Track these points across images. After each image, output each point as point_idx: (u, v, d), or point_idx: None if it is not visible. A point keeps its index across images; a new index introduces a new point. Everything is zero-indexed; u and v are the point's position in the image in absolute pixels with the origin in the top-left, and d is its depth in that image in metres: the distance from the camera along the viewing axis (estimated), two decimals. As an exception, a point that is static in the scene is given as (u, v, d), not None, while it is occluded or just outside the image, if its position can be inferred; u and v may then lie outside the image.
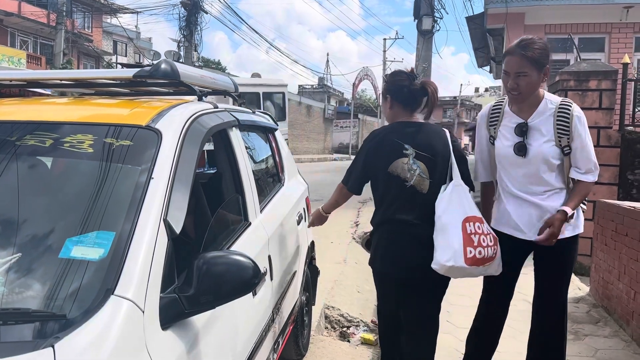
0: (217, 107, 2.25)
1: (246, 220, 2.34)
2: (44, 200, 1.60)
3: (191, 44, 18.86)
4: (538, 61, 2.26)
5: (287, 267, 2.76)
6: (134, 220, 1.41)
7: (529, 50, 2.26)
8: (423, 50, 11.65)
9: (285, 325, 2.73)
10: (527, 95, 2.35)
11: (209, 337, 1.56)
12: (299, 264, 3.12)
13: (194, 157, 1.75)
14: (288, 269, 2.79)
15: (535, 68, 2.27)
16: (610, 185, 6.48)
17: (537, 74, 2.28)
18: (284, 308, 2.68)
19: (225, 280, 1.42)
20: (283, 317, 2.66)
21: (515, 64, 2.28)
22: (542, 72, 2.29)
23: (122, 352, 1.17)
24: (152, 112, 1.81)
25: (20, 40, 27.81)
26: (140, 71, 2.09)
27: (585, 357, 3.53)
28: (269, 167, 3.29)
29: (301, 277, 3.19)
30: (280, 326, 2.60)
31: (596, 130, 6.49)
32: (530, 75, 2.27)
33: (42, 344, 1.11)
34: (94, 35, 32.25)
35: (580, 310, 4.53)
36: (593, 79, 6.45)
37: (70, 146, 1.62)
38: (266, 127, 3.25)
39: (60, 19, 22.08)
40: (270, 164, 3.28)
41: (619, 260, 4.21)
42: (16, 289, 1.31)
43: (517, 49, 2.29)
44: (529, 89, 2.31)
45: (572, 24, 10.68)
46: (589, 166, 2.41)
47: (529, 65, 2.26)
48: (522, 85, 2.29)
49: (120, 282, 1.27)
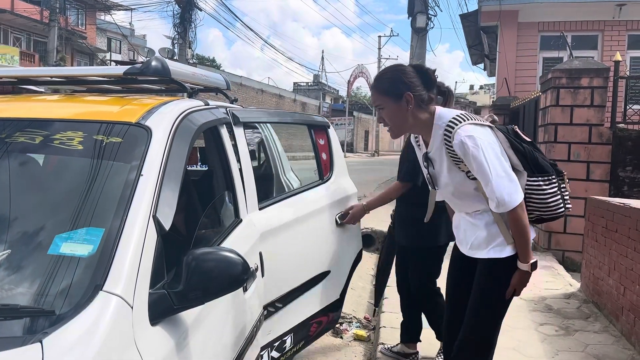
0: (207, 104, 2.26)
1: (237, 217, 2.35)
2: (33, 197, 1.61)
3: (185, 41, 18.80)
4: (389, 91, 2.10)
5: (303, 264, 2.75)
6: (123, 216, 1.41)
7: (378, 82, 2.15)
8: (417, 47, 11.66)
9: (309, 321, 2.77)
10: (398, 126, 2.17)
11: (198, 333, 1.57)
12: (335, 264, 3.04)
13: (184, 154, 1.76)
14: (306, 266, 2.78)
15: (390, 99, 2.10)
16: (602, 182, 6.52)
17: (394, 104, 2.10)
18: (304, 305, 2.70)
19: (214, 277, 1.43)
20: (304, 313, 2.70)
21: (373, 99, 2.19)
22: (401, 101, 2.08)
23: (110, 348, 1.18)
24: (142, 109, 1.81)
25: (13, 37, 27.66)
26: (131, 68, 2.10)
27: (575, 352, 3.57)
28: (281, 165, 3.33)
29: (340, 278, 3.11)
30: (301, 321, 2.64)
31: (588, 127, 6.53)
32: (387, 107, 2.12)
33: (31, 339, 1.11)
34: (88, 32, 32.09)
35: (570, 305, 4.57)
36: (585, 76, 6.48)
37: (60, 143, 1.63)
38: (313, 124, 3.30)
39: (54, 16, 21.92)
40: (285, 161, 3.35)
41: (609, 256, 4.25)
42: (5, 285, 1.32)
43: (372, 83, 2.21)
44: (395, 120, 2.14)
45: (565, 22, 10.73)
46: (492, 197, 2.05)
47: (382, 97, 2.12)
48: (385, 118, 2.16)
49: (109, 278, 1.28)
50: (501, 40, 11.09)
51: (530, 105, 7.95)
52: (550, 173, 2.21)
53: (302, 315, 2.78)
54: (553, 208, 2.20)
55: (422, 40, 11.62)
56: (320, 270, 2.90)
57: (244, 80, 29.24)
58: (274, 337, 2.61)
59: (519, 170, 2.16)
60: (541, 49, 11.12)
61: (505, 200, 2.03)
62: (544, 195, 2.17)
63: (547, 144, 6.76)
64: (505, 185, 2.03)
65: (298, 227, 2.72)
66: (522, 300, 4.63)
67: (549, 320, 4.19)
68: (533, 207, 2.18)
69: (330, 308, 3.03)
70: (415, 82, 2.09)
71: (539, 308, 4.47)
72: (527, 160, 2.16)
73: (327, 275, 2.95)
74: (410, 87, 2.08)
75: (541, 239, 6.92)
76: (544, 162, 2.21)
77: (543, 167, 2.19)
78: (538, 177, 2.17)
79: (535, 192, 2.17)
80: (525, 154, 2.16)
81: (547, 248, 6.77)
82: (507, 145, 2.15)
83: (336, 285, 3.07)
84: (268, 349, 2.58)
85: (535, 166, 2.17)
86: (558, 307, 4.52)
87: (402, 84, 2.08)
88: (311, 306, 2.85)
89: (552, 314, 4.35)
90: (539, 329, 3.99)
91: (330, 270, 2.96)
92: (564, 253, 6.67)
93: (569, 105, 6.56)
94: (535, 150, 2.22)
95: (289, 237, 2.65)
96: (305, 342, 2.89)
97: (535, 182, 2.16)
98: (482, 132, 2.07)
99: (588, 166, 6.57)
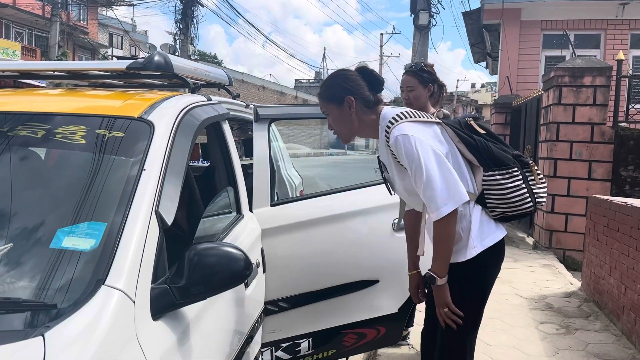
0: (210, 100, 2.26)
1: (239, 213, 2.35)
2: (35, 191, 1.60)
3: (187, 37, 18.77)
4: (331, 97, 2.07)
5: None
6: (125, 211, 1.41)
7: (321, 90, 2.13)
8: (419, 45, 11.63)
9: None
10: (346, 131, 2.11)
11: (200, 328, 1.57)
12: (389, 274, 2.72)
13: (186, 149, 1.76)
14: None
15: (333, 104, 2.07)
16: (604, 181, 6.51)
17: (337, 109, 2.06)
18: (329, 312, 2.60)
19: (216, 272, 1.42)
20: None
21: (320, 107, 2.16)
22: (343, 105, 2.04)
23: (112, 342, 1.18)
24: (145, 103, 1.81)
25: (15, 32, 27.62)
26: (134, 63, 2.09)
27: (576, 350, 3.57)
28: (282, 161, 3.27)
29: (397, 290, 2.73)
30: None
31: (590, 126, 6.52)
32: (331, 112, 2.09)
33: (32, 333, 1.11)
34: (90, 27, 32.04)
35: (571, 304, 4.57)
36: (588, 75, 6.47)
37: (63, 137, 1.62)
38: None
39: (56, 11, 21.88)
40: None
41: (611, 255, 4.24)
42: (7, 278, 1.31)
43: (318, 92, 2.18)
44: (340, 125, 2.10)
45: (568, 20, 10.70)
46: (428, 203, 1.92)
47: (325, 104, 2.10)
48: (332, 124, 2.13)
49: (111, 273, 1.28)
50: (503, 38, 11.06)
51: (533, 103, 7.93)
52: (510, 165, 2.03)
53: (326, 321, 2.64)
54: (517, 204, 2.03)
55: (424, 37, 11.58)
56: (358, 277, 2.65)
57: (245, 77, 29.18)
58: (281, 337, 2.58)
59: (475, 165, 2.05)
60: (544, 47, 11.09)
61: (438, 204, 1.87)
62: (503, 191, 2.01)
63: (549, 143, 6.75)
64: (438, 189, 1.86)
65: (320, 228, 2.58)
66: (522, 299, 4.63)
67: (549, 318, 4.19)
68: (494, 203, 2.03)
69: (381, 322, 2.74)
70: (357, 86, 2.05)
71: (539, 306, 4.47)
72: (480, 153, 2.02)
73: (374, 285, 2.68)
74: (351, 90, 2.04)
75: (542, 237, 6.92)
76: (501, 153, 2.04)
77: (500, 159, 2.02)
78: (495, 171, 2.01)
79: (493, 188, 2.01)
80: (477, 148, 2.02)
81: (548, 247, 6.77)
82: (456, 140, 2.05)
83: (391, 298, 2.73)
84: (272, 348, 2.56)
85: (490, 159, 2.02)
86: (559, 305, 4.52)
87: (341, 89, 2.05)
88: (343, 315, 2.67)
89: (553, 312, 4.35)
90: (539, 328, 3.99)
91: (379, 280, 2.68)
92: (564, 252, 6.67)
93: (572, 103, 6.55)
94: (491, 141, 2.06)
95: (304, 236, 2.55)
96: (337, 352, 2.73)
97: (492, 176, 2.01)
98: (419, 130, 1.95)
99: (590, 165, 6.56)
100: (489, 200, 2.03)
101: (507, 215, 2.07)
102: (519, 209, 2.05)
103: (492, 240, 2.03)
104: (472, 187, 2.05)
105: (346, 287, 2.63)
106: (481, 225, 2.02)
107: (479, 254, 1.99)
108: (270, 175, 2.63)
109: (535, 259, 6.32)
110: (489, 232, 2.04)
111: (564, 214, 6.67)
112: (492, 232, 2.04)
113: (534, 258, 6.40)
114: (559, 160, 6.65)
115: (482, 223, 2.03)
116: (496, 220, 2.07)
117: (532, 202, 2.05)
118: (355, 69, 2.13)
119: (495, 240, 2.04)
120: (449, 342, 2.08)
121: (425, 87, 3.06)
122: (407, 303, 2.75)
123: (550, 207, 6.70)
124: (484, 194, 2.03)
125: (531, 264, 6.05)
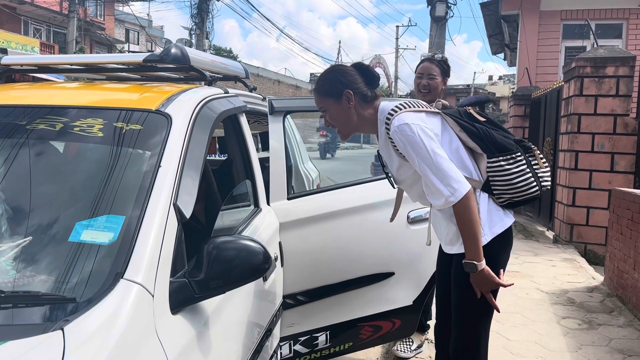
0: (227, 92, 2.24)
1: (257, 207, 2.33)
2: (54, 184, 1.60)
3: (202, 31, 18.83)
4: (329, 92, 2.04)
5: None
6: (143, 204, 1.39)
7: (318, 85, 2.09)
8: (436, 37, 11.50)
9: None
10: (345, 126, 2.09)
11: (218, 322, 1.56)
12: (403, 267, 2.72)
13: (204, 141, 1.74)
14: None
15: (331, 99, 2.05)
16: (626, 173, 6.38)
17: (336, 103, 2.04)
18: (346, 305, 2.60)
19: (235, 265, 1.41)
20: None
21: (316, 103, 2.13)
22: (341, 99, 2.03)
23: (131, 336, 1.17)
24: (162, 96, 1.79)
25: (33, 29, 27.96)
26: (151, 55, 2.08)
27: (599, 346, 3.50)
28: (300, 155, 3.25)
29: (412, 283, 2.75)
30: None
31: (613, 117, 6.38)
32: (329, 107, 2.06)
33: (52, 326, 1.10)
34: (107, 23, 32.33)
35: (594, 299, 4.49)
36: (610, 65, 6.33)
37: (80, 130, 1.61)
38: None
39: (73, 7, 22.11)
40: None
41: (635, 249, 4.15)
42: (27, 272, 1.31)
43: (313, 87, 2.14)
44: (339, 120, 2.08)
45: (589, 10, 10.48)
46: (439, 189, 1.90)
47: (323, 99, 2.07)
48: (330, 120, 2.10)
49: (130, 266, 1.26)
50: (522, 28, 10.87)
51: (553, 95, 7.79)
52: (513, 150, 2.03)
53: (343, 314, 2.63)
54: (523, 188, 2.02)
55: (441, 29, 11.46)
56: (374, 270, 2.64)
57: (260, 71, 29.24)
58: (299, 330, 2.56)
59: (478, 152, 2.04)
60: (563, 37, 10.87)
61: (453, 186, 1.87)
62: (508, 176, 2.00)
63: (570, 135, 6.63)
64: (449, 172, 1.88)
65: (337, 221, 2.56)
66: (543, 293, 4.56)
67: (571, 314, 4.12)
68: (500, 190, 2.02)
69: (397, 314, 2.73)
70: (354, 80, 2.03)
71: (560, 301, 4.40)
72: (483, 140, 2.02)
73: (389, 277, 2.68)
74: (349, 84, 2.02)
75: (563, 231, 6.81)
76: (504, 139, 2.05)
77: (503, 145, 2.03)
78: (499, 157, 2.01)
79: (499, 174, 2.01)
80: (479, 135, 2.02)
81: (569, 241, 6.66)
82: (458, 130, 2.04)
83: (405, 290, 2.73)
84: (290, 342, 2.55)
85: (493, 145, 2.02)
86: (581, 300, 4.44)
87: (340, 83, 2.03)
88: (359, 307, 2.66)
89: (575, 307, 4.27)
90: (561, 322, 3.92)
91: (395, 273, 2.68)
92: (586, 246, 6.56)
93: (593, 94, 6.42)
94: (492, 128, 2.07)
95: (321, 230, 2.53)
96: (353, 345, 2.73)
97: (496, 162, 2.00)
98: (420, 119, 1.94)
99: (612, 157, 6.43)
100: (495, 187, 2.03)
101: (514, 201, 2.07)
102: (526, 194, 2.04)
103: (501, 228, 2.04)
104: (476, 175, 2.05)
105: (362, 280, 2.62)
106: (489, 213, 2.03)
107: (489, 242, 1.99)
108: (287, 168, 2.61)
109: (556, 253, 6.22)
110: (498, 219, 2.04)
111: (586, 207, 6.55)
112: (500, 220, 2.05)
113: (555, 252, 6.30)
114: (580, 153, 6.52)
115: (490, 211, 2.04)
116: (503, 207, 2.07)
117: (538, 186, 2.06)
118: (351, 65, 2.12)
119: (504, 227, 2.04)
120: (464, 333, 2.10)
121: (443, 78, 3.11)
122: (421, 295, 2.78)
123: (572, 200, 6.59)
124: (490, 181, 2.03)
125: (552, 258, 5.95)
